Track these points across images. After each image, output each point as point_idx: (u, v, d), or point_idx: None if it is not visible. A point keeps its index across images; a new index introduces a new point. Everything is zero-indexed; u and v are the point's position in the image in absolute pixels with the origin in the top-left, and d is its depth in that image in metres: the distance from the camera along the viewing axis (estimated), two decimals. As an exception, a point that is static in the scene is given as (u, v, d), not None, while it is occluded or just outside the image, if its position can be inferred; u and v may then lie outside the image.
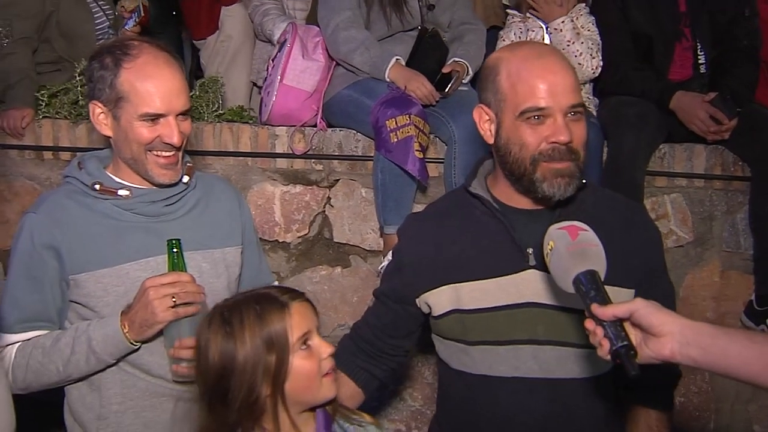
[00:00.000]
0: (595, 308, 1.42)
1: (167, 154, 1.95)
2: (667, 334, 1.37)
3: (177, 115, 1.93)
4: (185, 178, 2.06)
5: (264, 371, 1.62)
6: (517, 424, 1.86)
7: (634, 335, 1.41)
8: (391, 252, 2.91)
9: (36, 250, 1.93)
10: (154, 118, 1.90)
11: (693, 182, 3.23)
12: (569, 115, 1.76)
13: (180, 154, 2.00)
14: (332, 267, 3.28)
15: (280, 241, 3.26)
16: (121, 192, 1.97)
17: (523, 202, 1.88)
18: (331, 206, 3.27)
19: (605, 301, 1.42)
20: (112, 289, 1.94)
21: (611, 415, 1.94)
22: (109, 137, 1.98)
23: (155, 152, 1.94)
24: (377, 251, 3.21)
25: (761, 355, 1.31)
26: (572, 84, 1.78)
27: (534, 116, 1.76)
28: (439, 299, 1.92)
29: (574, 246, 1.49)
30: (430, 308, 1.96)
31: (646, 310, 1.39)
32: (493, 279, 1.85)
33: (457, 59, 3.17)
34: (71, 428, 2.05)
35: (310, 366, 1.65)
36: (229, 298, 1.75)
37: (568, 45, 3.14)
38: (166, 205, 2.03)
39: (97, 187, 1.97)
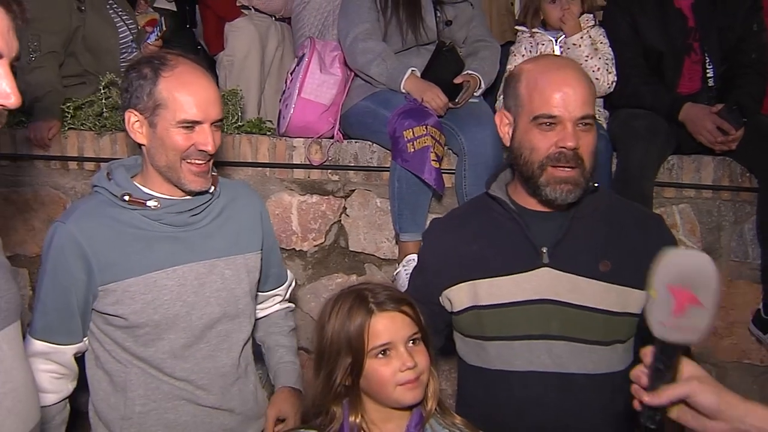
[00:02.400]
0: (647, 395, 1.27)
1: (201, 162, 2.00)
2: (726, 419, 1.26)
3: (211, 124, 1.99)
4: (210, 188, 2.11)
5: (342, 363, 1.72)
6: (531, 418, 1.93)
7: (684, 409, 1.29)
8: (414, 257, 2.99)
9: (66, 260, 1.97)
10: (191, 125, 1.96)
11: (701, 193, 3.27)
12: (579, 125, 1.87)
13: (211, 162, 2.05)
14: (348, 275, 3.34)
15: (297, 249, 3.33)
16: (150, 203, 2.01)
17: (537, 205, 1.98)
18: (347, 216, 3.34)
19: (669, 377, 1.26)
20: (139, 297, 1.99)
21: (626, 412, 1.98)
22: (142, 145, 2.03)
23: (189, 161, 1.99)
24: (392, 260, 3.27)
25: None
26: (585, 97, 1.89)
27: (546, 122, 1.88)
28: (458, 295, 2.01)
29: (672, 323, 1.25)
30: (451, 304, 2.04)
31: (704, 397, 1.26)
32: (509, 276, 1.94)
33: (470, 72, 3.24)
34: (95, 426, 2.11)
35: (384, 373, 1.71)
36: (360, 283, 1.86)
37: (586, 60, 3.19)
38: (193, 215, 2.08)
39: (126, 198, 2.01)
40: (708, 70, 3.31)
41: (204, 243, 2.08)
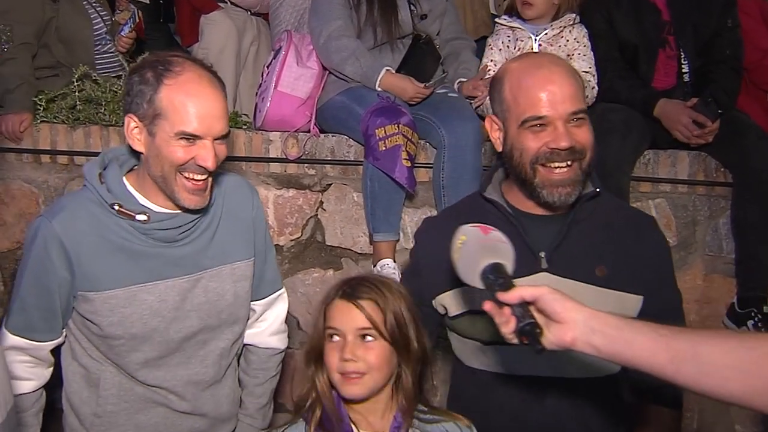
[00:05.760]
0: (502, 294, 1.40)
1: (199, 178, 1.87)
2: (570, 321, 1.35)
3: (215, 139, 1.86)
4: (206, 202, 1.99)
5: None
6: (529, 422, 1.90)
7: (539, 320, 1.39)
8: (388, 261, 2.98)
9: (50, 259, 1.90)
10: (191, 138, 1.82)
11: (677, 188, 3.29)
12: (571, 121, 1.82)
13: (210, 180, 1.92)
14: (324, 269, 3.34)
15: (274, 244, 3.29)
16: (139, 217, 1.91)
17: (535, 208, 1.92)
18: (324, 210, 3.32)
19: (511, 288, 1.41)
20: (118, 309, 1.93)
21: (623, 415, 1.98)
22: (141, 153, 1.92)
23: (186, 174, 1.86)
24: (368, 254, 3.26)
25: (667, 348, 1.28)
26: (571, 92, 1.83)
27: (536, 124, 1.82)
28: (454, 300, 1.96)
29: (486, 240, 1.49)
30: (446, 309, 2.00)
31: (551, 297, 1.37)
32: None
33: (462, 80, 3.28)
34: (67, 413, 2.09)
35: (330, 358, 1.73)
36: (365, 274, 1.94)
37: (569, 58, 3.20)
38: (182, 233, 1.98)
39: (116, 207, 1.91)
40: (683, 65, 3.31)
41: (190, 258, 2.00)
